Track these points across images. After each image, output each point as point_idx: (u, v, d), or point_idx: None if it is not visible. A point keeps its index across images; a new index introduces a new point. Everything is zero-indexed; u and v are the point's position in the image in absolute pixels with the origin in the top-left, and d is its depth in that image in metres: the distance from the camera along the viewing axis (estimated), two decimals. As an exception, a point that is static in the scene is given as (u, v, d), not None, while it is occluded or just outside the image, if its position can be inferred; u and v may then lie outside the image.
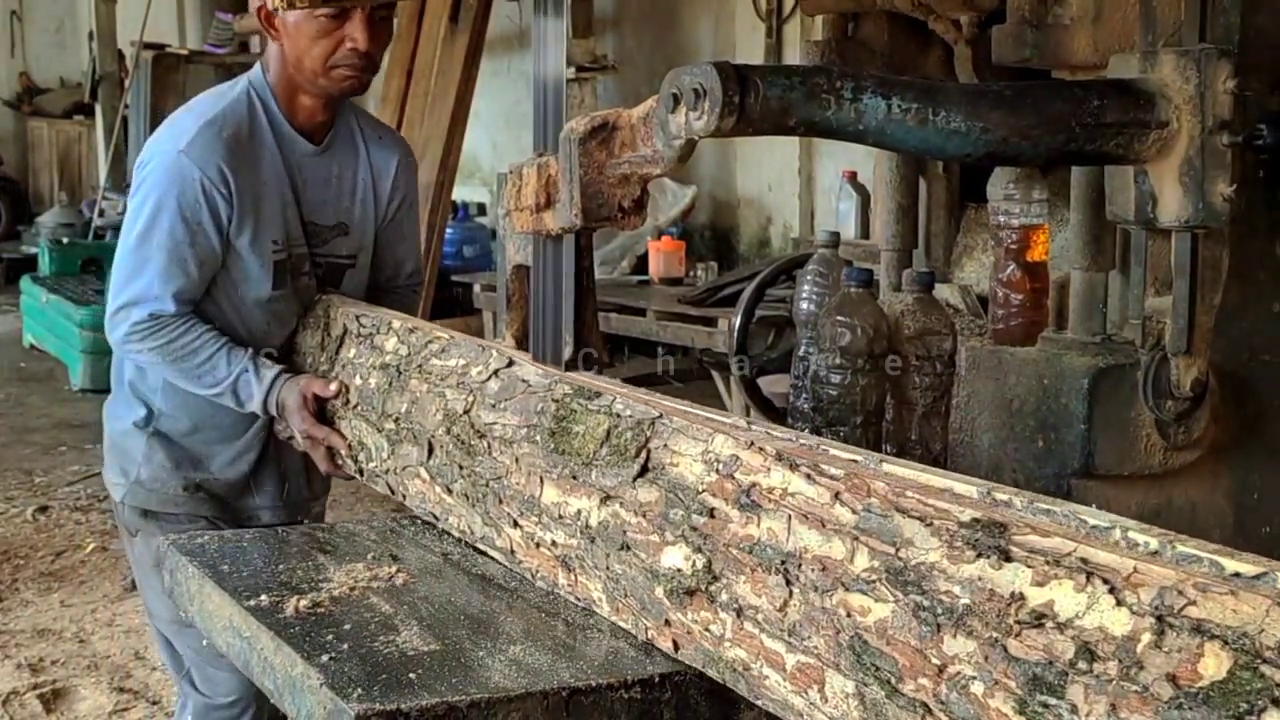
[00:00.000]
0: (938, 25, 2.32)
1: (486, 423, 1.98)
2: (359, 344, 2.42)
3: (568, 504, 1.78)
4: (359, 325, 2.44)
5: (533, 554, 1.87)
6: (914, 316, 2.10)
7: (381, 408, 2.26)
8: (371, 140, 2.70)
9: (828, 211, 6.58)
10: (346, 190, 2.65)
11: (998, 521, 1.26)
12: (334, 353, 2.47)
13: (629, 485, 1.68)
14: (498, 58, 8.41)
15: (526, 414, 1.91)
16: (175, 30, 12.55)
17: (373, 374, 2.33)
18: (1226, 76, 1.87)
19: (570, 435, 1.81)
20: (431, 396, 2.13)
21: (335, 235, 2.65)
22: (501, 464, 1.92)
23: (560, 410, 1.86)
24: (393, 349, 2.32)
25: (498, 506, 1.92)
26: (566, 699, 1.58)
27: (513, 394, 1.97)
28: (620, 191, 1.89)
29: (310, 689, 1.60)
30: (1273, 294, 2.15)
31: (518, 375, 2.01)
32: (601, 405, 1.80)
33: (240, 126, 2.51)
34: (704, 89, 1.66)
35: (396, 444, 2.20)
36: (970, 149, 1.81)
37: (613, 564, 1.69)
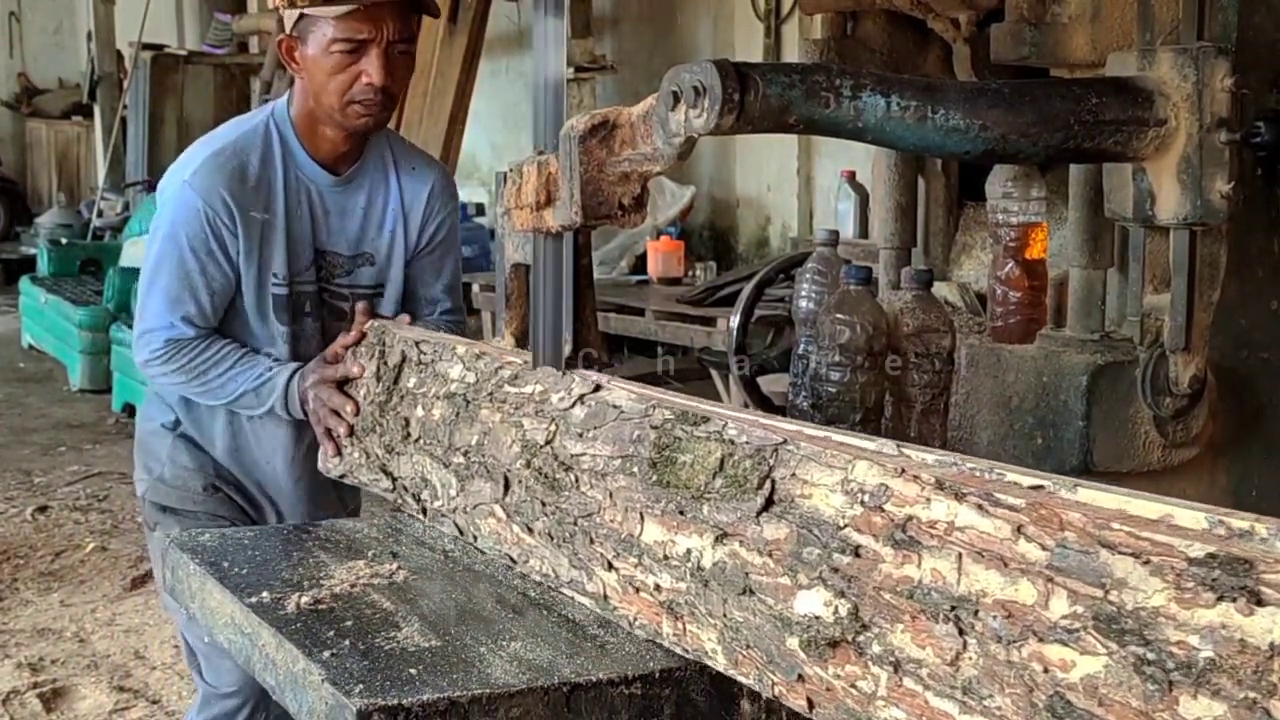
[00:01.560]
0: (936, 24, 2.32)
1: (573, 454, 1.80)
2: (420, 372, 2.24)
3: (674, 543, 1.59)
4: (419, 352, 2.27)
5: (631, 599, 1.68)
6: (913, 314, 2.11)
7: (448, 440, 2.07)
8: (404, 169, 2.66)
9: (827, 211, 6.58)
10: (375, 221, 2.62)
11: (1239, 557, 1.08)
12: (392, 382, 2.29)
13: (751, 521, 1.49)
14: (496, 58, 8.41)
15: (620, 443, 1.72)
16: (174, 31, 12.56)
17: (437, 404, 2.13)
18: (1224, 75, 1.88)
19: (675, 466, 1.62)
20: (506, 427, 1.95)
21: (360, 265, 2.62)
22: (592, 499, 1.74)
23: (661, 438, 1.67)
24: (459, 376, 2.13)
25: (588, 547, 1.74)
26: (567, 694, 1.59)
27: (603, 421, 1.78)
28: (620, 189, 1.89)
29: (312, 685, 1.60)
30: (1271, 291, 2.16)
31: (607, 400, 1.81)
32: (710, 431, 1.61)
33: (249, 156, 2.51)
34: (704, 86, 1.67)
35: (466, 480, 2.01)
36: (969, 147, 1.82)
37: (731, 610, 1.50)
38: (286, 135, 2.54)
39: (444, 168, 2.83)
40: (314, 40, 2.43)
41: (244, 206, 2.48)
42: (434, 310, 2.74)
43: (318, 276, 2.59)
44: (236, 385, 2.53)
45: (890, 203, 2.56)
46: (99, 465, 6.81)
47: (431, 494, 2.11)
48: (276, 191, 2.52)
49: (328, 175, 2.57)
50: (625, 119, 1.86)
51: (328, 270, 2.59)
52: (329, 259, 2.59)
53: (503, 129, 8.89)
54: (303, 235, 2.55)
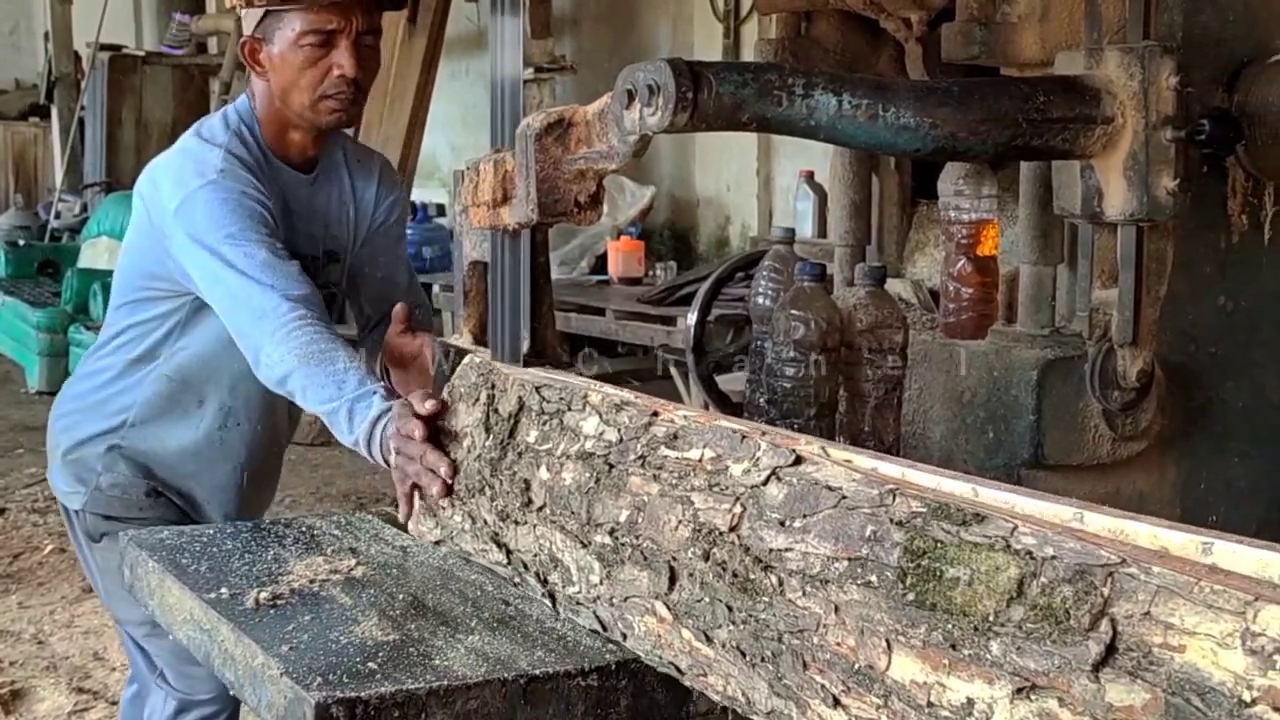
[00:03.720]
0: (889, 23, 2.35)
1: (773, 548, 1.42)
2: (542, 424, 1.86)
3: (944, 686, 1.22)
4: (540, 399, 1.89)
5: None
6: (866, 310, 2.14)
7: (586, 513, 1.71)
8: (355, 166, 2.65)
9: (786, 211, 6.62)
10: (334, 218, 2.60)
11: None
12: (506, 435, 1.92)
13: (1081, 674, 1.10)
14: (456, 59, 8.41)
15: (847, 540, 1.34)
16: (132, 31, 12.50)
17: (567, 466, 1.77)
18: (1169, 73, 1.91)
19: (941, 581, 1.24)
20: (667, 503, 1.58)
21: (327, 264, 2.59)
22: (807, 612, 1.36)
23: (915, 540, 1.28)
24: (595, 432, 1.76)
25: (800, 672, 1.37)
26: (524, 686, 1.60)
27: (815, 508, 1.40)
28: (576, 187, 1.92)
29: (270, 679, 1.61)
30: (1218, 287, 2.20)
31: (817, 479, 1.42)
32: (993, 536, 1.22)
33: (245, 154, 2.45)
34: (658, 85, 1.69)
35: (614, 565, 1.65)
36: (919, 144, 1.85)
37: None
38: (259, 136, 2.49)
39: (385, 158, 2.82)
40: (280, 37, 2.40)
41: (261, 192, 2.40)
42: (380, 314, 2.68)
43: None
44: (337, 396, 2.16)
45: (844, 201, 2.59)
46: (56, 468, 6.77)
47: (564, 577, 1.76)
48: (265, 188, 2.44)
49: (298, 176, 2.53)
50: (581, 117, 1.88)
51: (313, 272, 2.50)
52: (308, 263, 2.48)
53: (463, 130, 8.89)
54: (289, 240, 2.45)
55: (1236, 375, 2.23)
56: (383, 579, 1.94)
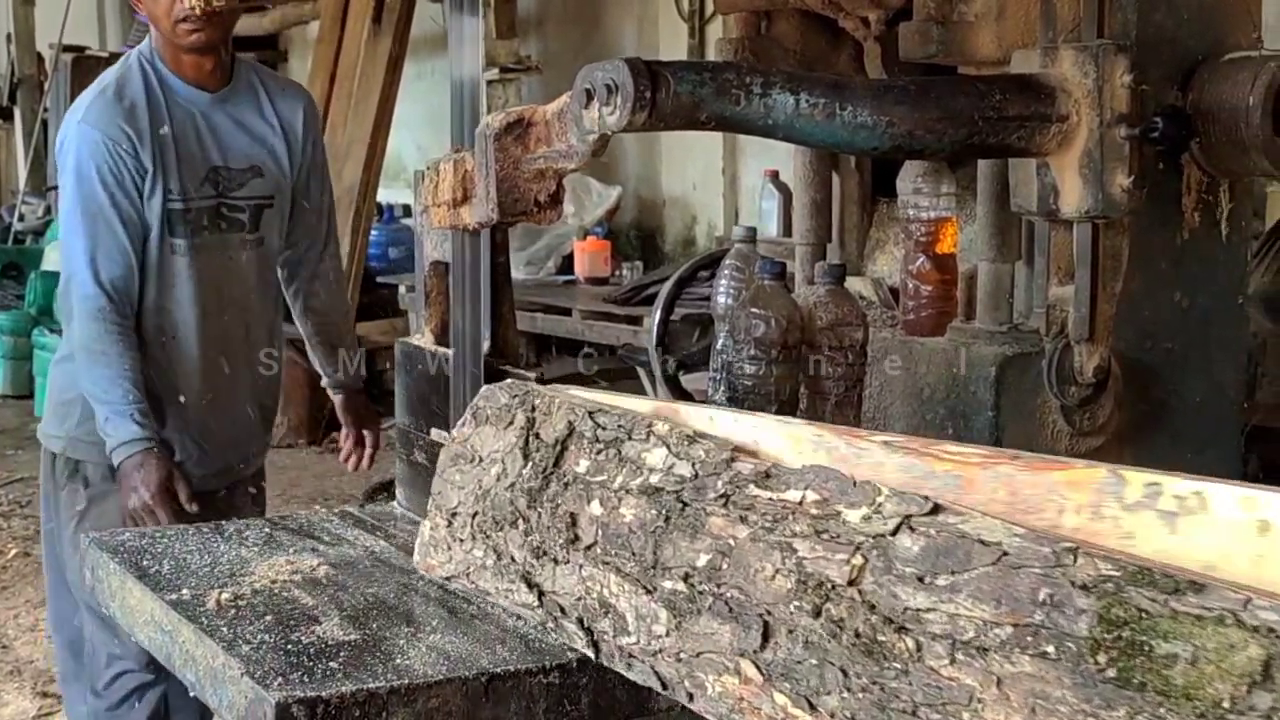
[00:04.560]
0: (848, 23, 2.36)
1: (910, 608, 1.23)
2: (597, 454, 1.65)
3: None
4: (595, 426, 1.67)
5: None
6: (826, 308, 2.15)
7: (652, 555, 1.50)
8: (274, 91, 2.94)
9: (752, 210, 6.63)
10: (257, 135, 2.88)
11: None
12: (551, 465, 1.69)
13: None
14: (421, 60, 8.39)
15: (1013, 604, 1.15)
16: (95, 32, 12.41)
17: (628, 501, 1.56)
18: (1123, 71, 1.93)
19: (1152, 659, 1.06)
20: (762, 549, 1.38)
21: (251, 177, 2.87)
22: (957, 685, 1.18)
23: (1113, 609, 1.09)
24: (663, 465, 1.56)
25: None
26: (485, 684, 1.61)
27: (966, 564, 1.20)
28: (536, 186, 1.92)
29: (231, 679, 1.61)
30: (1174, 283, 2.22)
31: (965, 532, 1.23)
32: (1219, 608, 1.04)
33: (133, 88, 2.77)
34: (616, 84, 1.70)
35: (688, 616, 1.45)
36: (877, 143, 1.86)
37: None
38: (158, 66, 2.80)
39: (307, 89, 3.13)
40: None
41: (140, 131, 2.72)
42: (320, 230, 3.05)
43: (217, 190, 2.83)
44: (108, 396, 2.72)
45: (805, 199, 2.60)
46: (21, 471, 6.73)
47: (616, 625, 1.55)
48: (163, 116, 2.77)
49: (204, 94, 2.83)
50: (540, 117, 1.89)
51: (225, 184, 2.84)
52: (224, 173, 2.84)
53: (428, 130, 8.86)
54: (194, 153, 2.79)
55: (1193, 370, 2.25)
56: (345, 579, 1.94)
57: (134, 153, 2.72)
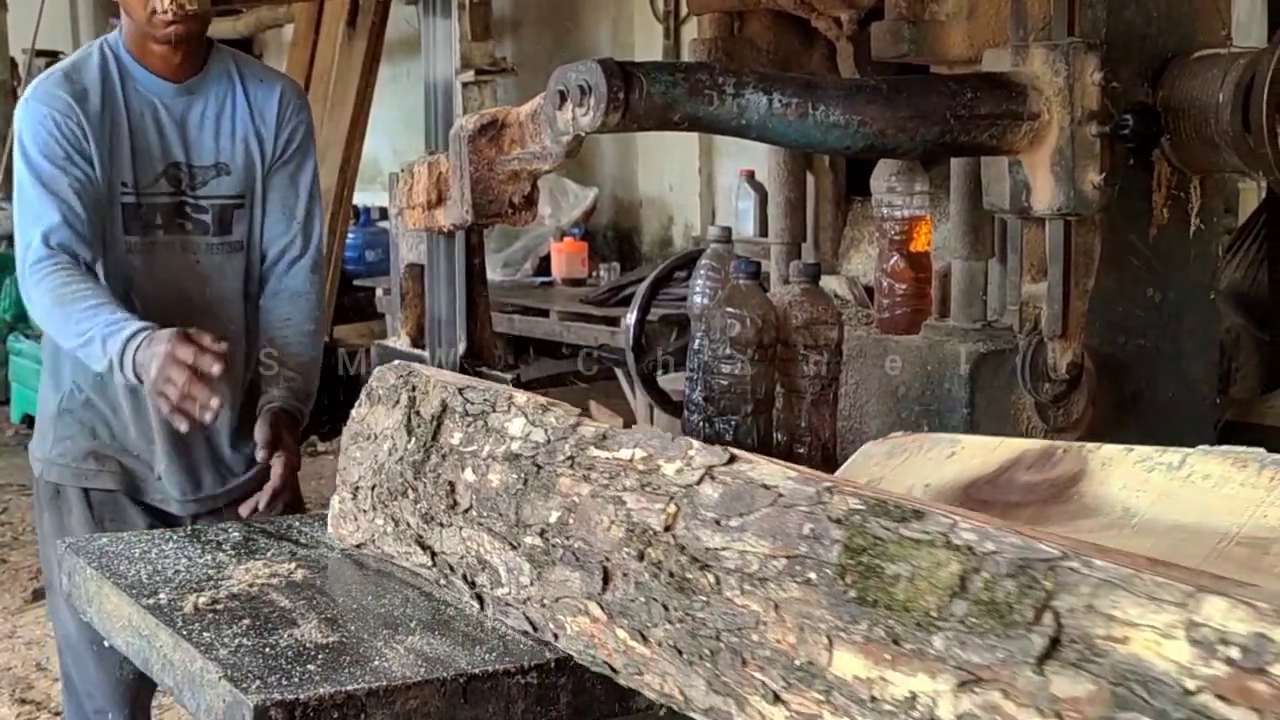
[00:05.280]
0: (820, 22, 2.38)
1: (709, 547, 1.42)
2: (467, 426, 1.85)
3: (887, 682, 1.21)
4: (464, 401, 1.88)
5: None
6: (801, 307, 2.15)
7: (515, 515, 1.70)
8: (250, 80, 2.75)
9: (728, 210, 6.64)
10: (226, 130, 2.71)
11: None
12: (429, 438, 1.90)
13: (1026, 667, 1.11)
14: (396, 62, 8.39)
15: (785, 538, 1.35)
16: (69, 37, 12.35)
17: (494, 467, 1.76)
18: (1094, 69, 1.95)
19: (883, 578, 1.25)
20: (600, 503, 1.57)
21: (216, 175, 2.70)
22: (746, 610, 1.36)
23: (855, 537, 1.29)
24: (521, 433, 1.75)
25: (739, 669, 1.36)
26: (464, 685, 1.60)
27: (752, 506, 1.40)
28: (510, 187, 1.93)
29: (209, 683, 1.61)
30: (1146, 279, 2.23)
31: (753, 478, 1.43)
32: (933, 532, 1.23)
33: (86, 72, 2.65)
34: (589, 85, 1.71)
35: (545, 566, 1.64)
36: (849, 142, 1.87)
37: None
38: (121, 55, 2.67)
39: (294, 80, 2.94)
40: None
41: (87, 112, 2.60)
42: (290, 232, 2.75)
43: (177, 188, 2.67)
44: (89, 327, 2.45)
45: (780, 199, 2.61)
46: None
47: (492, 578, 1.74)
48: (118, 105, 2.64)
49: (167, 85, 2.68)
50: (514, 118, 1.90)
51: (187, 181, 2.68)
52: (186, 170, 2.68)
53: (404, 133, 8.86)
54: (150, 146, 2.65)
55: (1165, 366, 2.27)
56: (322, 582, 1.94)
57: (81, 129, 2.59)
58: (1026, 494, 1.60)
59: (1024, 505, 1.57)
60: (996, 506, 1.59)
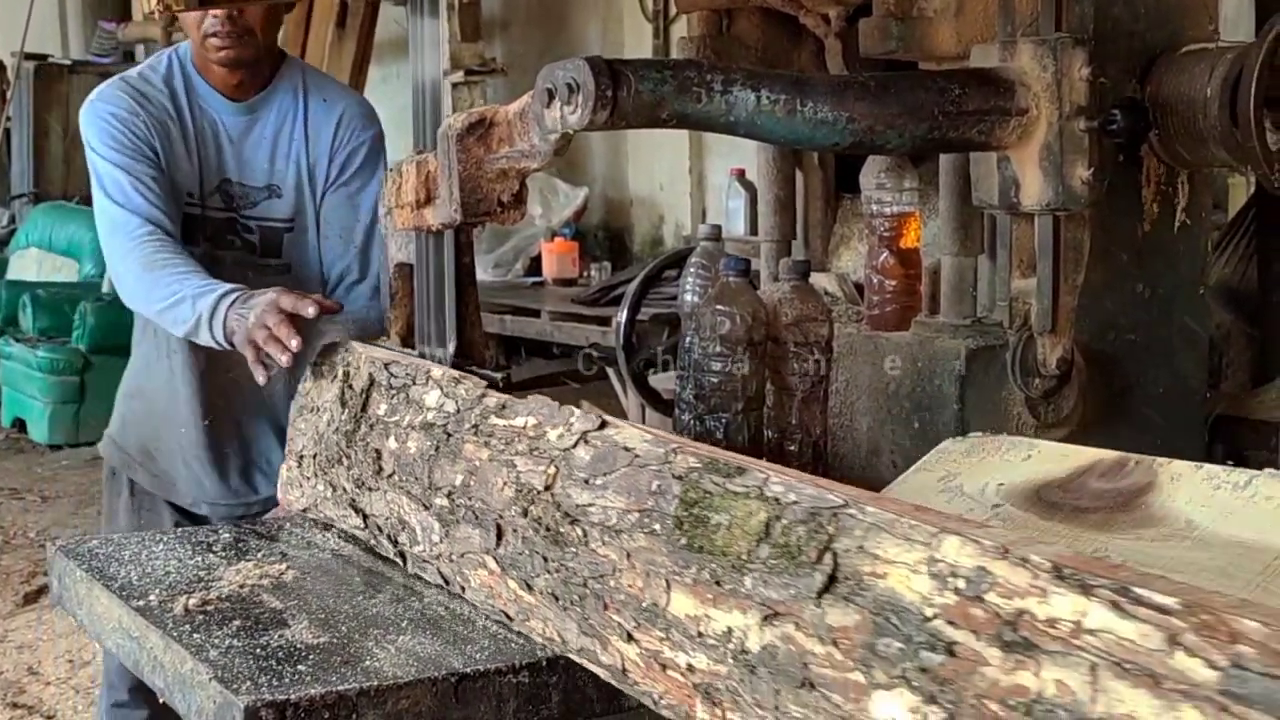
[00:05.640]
0: (808, 19, 2.37)
1: (579, 504, 1.58)
2: (391, 398, 2.02)
3: (710, 619, 1.37)
4: (389, 375, 2.06)
5: (656, 676, 1.46)
6: (791, 304, 2.15)
7: (427, 478, 1.86)
8: (314, 100, 2.73)
9: (719, 209, 6.64)
10: (281, 151, 2.70)
11: None
12: (359, 409, 2.07)
13: (809, 601, 1.26)
14: (385, 63, 8.38)
15: (637, 494, 1.50)
16: (58, 40, 12.34)
17: (412, 436, 1.92)
18: (1082, 64, 1.95)
19: (708, 527, 1.40)
20: (496, 466, 1.73)
21: (267, 197, 2.70)
22: (606, 559, 1.52)
23: (689, 491, 1.45)
24: (436, 404, 1.91)
25: (602, 613, 1.52)
26: (455, 685, 1.61)
27: (613, 466, 1.55)
28: (499, 186, 1.93)
29: (199, 684, 1.61)
30: (1135, 274, 2.23)
31: (617, 441, 1.58)
32: (749, 486, 1.39)
33: (151, 81, 2.67)
34: (577, 83, 1.71)
35: (451, 525, 1.79)
36: (838, 139, 1.87)
37: (787, 704, 1.27)
38: (188, 68, 2.69)
39: (364, 100, 2.87)
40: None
41: (151, 117, 2.62)
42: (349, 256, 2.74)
43: (229, 205, 2.68)
44: (180, 289, 2.43)
45: (769, 196, 2.61)
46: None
47: (410, 538, 1.89)
48: (183, 116, 2.66)
49: (228, 103, 2.69)
50: (502, 117, 1.89)
51: (239, 200, 2.69)
52: (238, 189, 2.69)
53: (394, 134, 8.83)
54: (208, 160, 2.67)
55: (1155, 361, 2.27)
56: (313, 583, 1.93)
57: (147, 127, 2.60)
58: (1096, 500, 1.60)
59: (1092, 511, 1.58)
60: (1065, 509, 1.60)
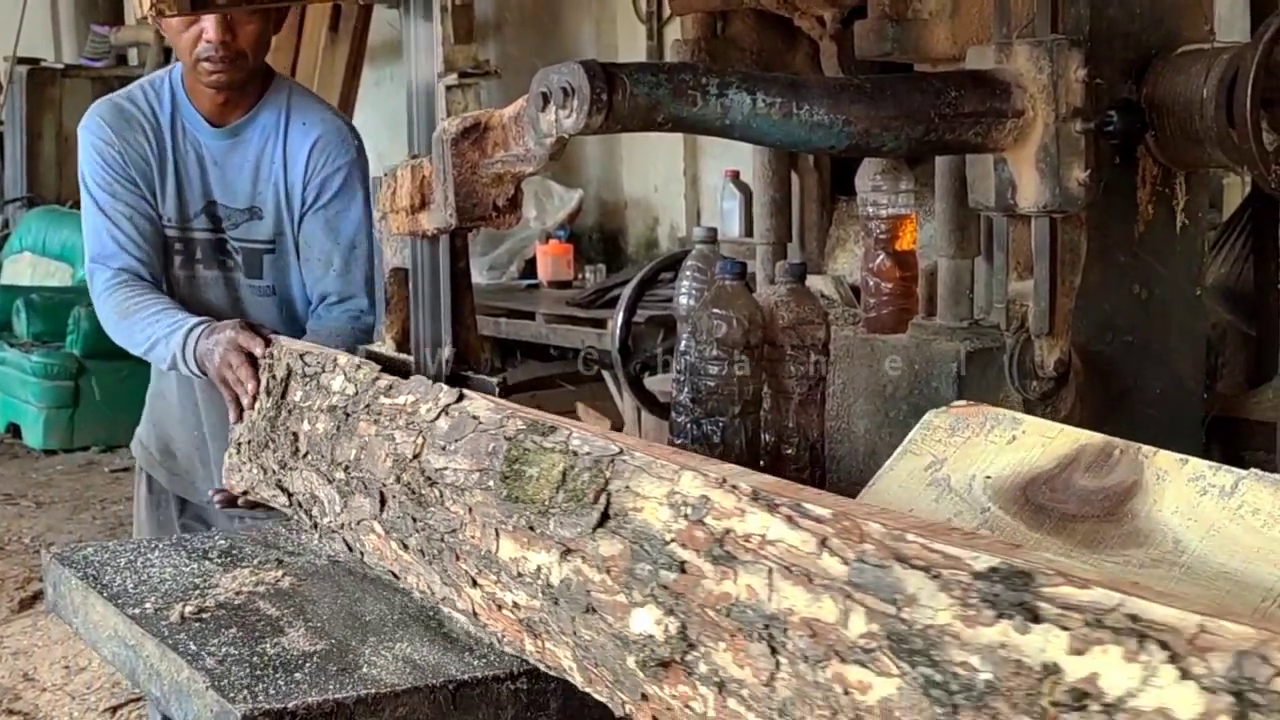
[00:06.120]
0: (803, 22, 2.37)
1: (437, 468, 1.75)
2: (305, 385, 2.20)
3: (526, 559, 1.54)
4: (303, 365, 2.23)
5: (496, 616, 1.64)
6: (788, 307, 2.15)
7: (331, 455, 2.02)
8: (294, 124, 2.75)
9: (713, 211, 6.63)
10: (263, 174, 2.74)
11: (1020, 570, 1.03)
12: (280, 396, 2.25)
13: (589, 536, 1.45)
14: (379, 66, 8.37)
15: (478, 456, 1.68)
16: (50, 44, 12.32)
17: (320, 418, 2.09)
18: (1077, 66, 1.94)
19: (524, 479, 1.59)
20: (380, 440, 1.90)
21: (249, 219, 2.75)
22: (455, 515, 1.69)
23: (512, 450, 1.63)
24: (339, 389, 2.08)
25: (455, 564, 1.69)
26: (453, 692, 1.60)
27: (463, 433, 1.74)
28: (494, 190, 1.92)
29: (196, 693, 1.60)
30: (1133, 276, 2.23)
31: (468, 411, 1.77)
32: (557, 442, 1.58)
33: (137, 104, 2.73)
34: (572, 87, 1.70)
35: (348, 496, 1.95)
36: (834, 141, 1.86)
37: (579, 629, 1.45)
38: (177, 89, 2.73)
39: (341, 125, 2.83)
40: None
41: (129, 139, 2.70)
42: (326, 281, 2.78)
43: (216, 226, 2.75)
44: (153, 332, 2.59)
45: (765, 199, 2.60)
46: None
47: (320, 510, 2.05)
48: (164, 137, 2.72)
49: (211, 127, 2.73)
50: (497, 121, 1.88)
51: (224, 221, 2.75)
52: (223, 210, 2.74)
53: (388, 137, 8.82)
54: (191, 183, 2.72)
55: (1152, 362, 2.26)
56: (309, 590, 1.93)
57: (124, 156, 2.70)
58: (1083, 505, 1.59)
59: (1080, 519, 1.57)
60: (1054, 517, 1.59)
